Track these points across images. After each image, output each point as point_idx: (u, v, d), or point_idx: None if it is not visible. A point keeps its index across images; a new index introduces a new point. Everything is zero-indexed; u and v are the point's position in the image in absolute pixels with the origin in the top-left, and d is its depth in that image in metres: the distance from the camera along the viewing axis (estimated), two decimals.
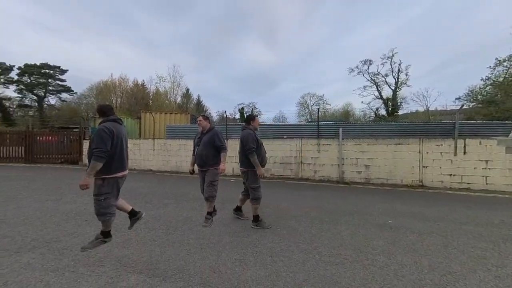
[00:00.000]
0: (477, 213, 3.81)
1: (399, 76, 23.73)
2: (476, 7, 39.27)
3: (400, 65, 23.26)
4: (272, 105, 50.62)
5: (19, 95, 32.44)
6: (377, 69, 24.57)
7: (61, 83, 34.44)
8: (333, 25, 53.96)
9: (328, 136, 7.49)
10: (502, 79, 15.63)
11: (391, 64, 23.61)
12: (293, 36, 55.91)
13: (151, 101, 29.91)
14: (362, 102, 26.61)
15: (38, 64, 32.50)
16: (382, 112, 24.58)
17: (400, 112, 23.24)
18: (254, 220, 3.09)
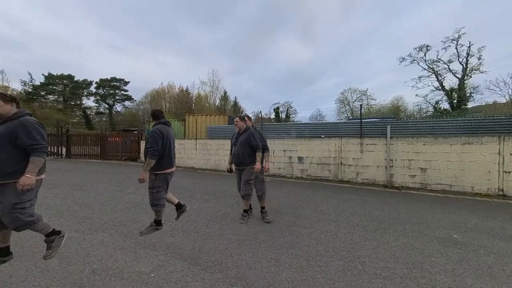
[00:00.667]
0: None
1: (468, 61, 19.56)
2: None
3: (470, 48, 19.13)
4: (309, 103, 48.80)
5: (96, 104, 40.61)
6: (437, 55, 20.82)
7: (125, 93, 41.41)
8: (380, 12, 48.30)
9: (373, 135, 6.77)
10: None
11: (457, 48, 19.63)
12: (332, 29, 52.52)
13: (194, 105, 32.73)
14: (417, 95, 22.81)
15: (109, 78, 39.81)
16: (444, 106, 20.77)
17: (470, 105, 18.92)
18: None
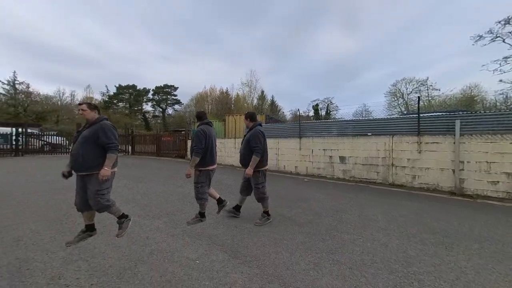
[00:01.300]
0: None
1: None
2: None
3: None
4: (352, 99, 44.72)
5: (153, 109, 47.16)
6: None
7: (174, 98, 46.84)
8: None
9: (435, 132, 5.73)
10: None
11: None
12: (380, 14, 46.42)
13: (233, 105, 34.31)
14: (501, 81, 18.05)
15: (162, 85, 45.58)
16: None
17: None
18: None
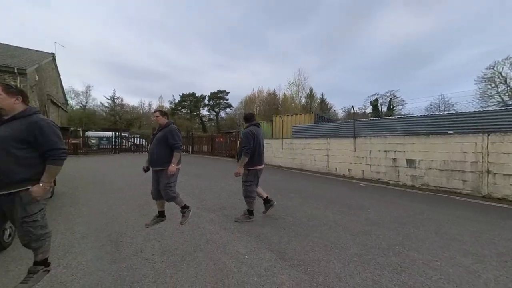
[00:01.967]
0: None
1: None
2: None
3: None
4: (424, 90, 36.96)
5: (208, 113, 52.63)
6: None
7: (226, 102, 50.81)
8: None
9: None
10: None
11: None
12: None
13: (280, 106, 34.27)
14: None
15: (216, 91, 50.33)
16: None
17: None
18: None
